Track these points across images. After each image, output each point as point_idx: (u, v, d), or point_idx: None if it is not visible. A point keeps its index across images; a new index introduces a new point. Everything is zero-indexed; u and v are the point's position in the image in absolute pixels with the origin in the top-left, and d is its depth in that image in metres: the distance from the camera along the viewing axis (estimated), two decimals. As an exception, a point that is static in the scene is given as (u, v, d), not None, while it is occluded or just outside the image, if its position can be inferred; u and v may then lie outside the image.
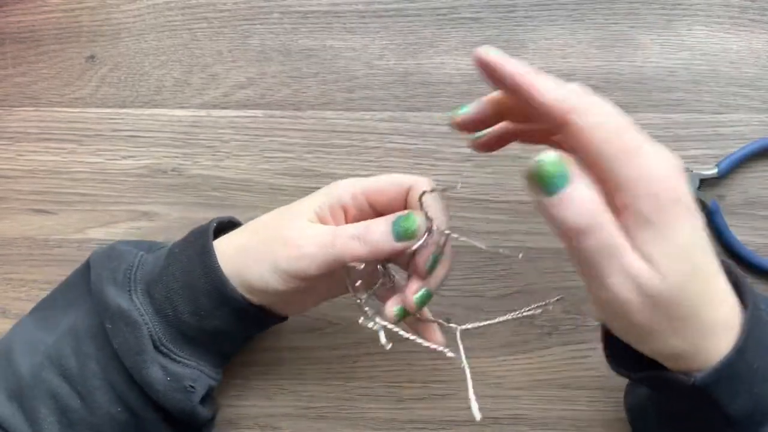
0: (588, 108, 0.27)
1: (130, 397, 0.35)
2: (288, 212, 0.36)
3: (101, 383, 0.35)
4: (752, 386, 0.28)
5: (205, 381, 0.38)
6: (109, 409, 0.35)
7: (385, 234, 0.33)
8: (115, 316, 0.35)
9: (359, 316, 0.35)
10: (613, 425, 0.43)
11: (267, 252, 0.34)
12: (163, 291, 0.36)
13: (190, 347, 0.37)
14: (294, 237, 0.34)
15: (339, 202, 0.35)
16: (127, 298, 0.36)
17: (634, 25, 0.45)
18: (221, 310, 0.36)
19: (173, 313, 0.36)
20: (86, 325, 0.36)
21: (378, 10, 0.46)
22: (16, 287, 0.46)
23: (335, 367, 0.45)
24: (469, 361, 0.34)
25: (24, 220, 0.46)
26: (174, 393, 0.35)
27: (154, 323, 0.36)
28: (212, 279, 0.35)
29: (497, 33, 0.46)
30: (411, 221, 0.33)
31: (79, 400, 0.35)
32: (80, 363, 0.36)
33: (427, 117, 0.45)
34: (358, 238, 0.33)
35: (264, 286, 0.34)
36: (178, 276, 0.36)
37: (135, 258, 0.38)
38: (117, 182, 0.46)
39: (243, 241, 0.36)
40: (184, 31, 0.47)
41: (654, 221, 0.25)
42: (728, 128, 0.44)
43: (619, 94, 0.45)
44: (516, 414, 0.44)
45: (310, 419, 0.44)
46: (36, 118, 0.47)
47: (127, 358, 0.35)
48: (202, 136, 0.46)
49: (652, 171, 0.26)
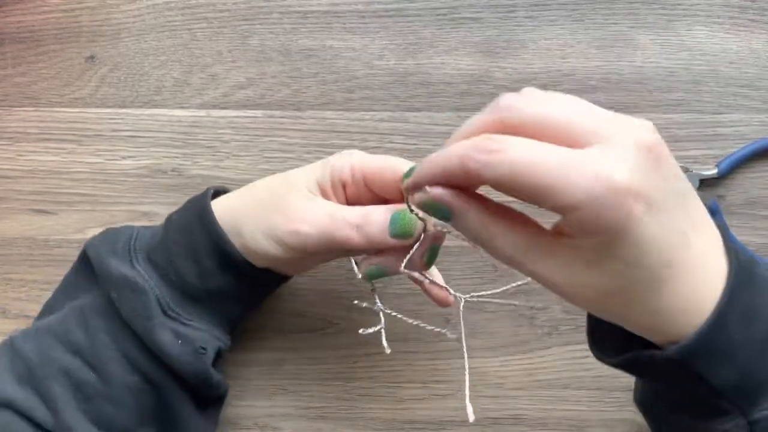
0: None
1: (144, 364, 0.35)
2: (288, 180, 0.36)
3: (114, 353, 0.35)
4: (735, 357, 0.27)
5: (215, 343, 0.37)
6: (125, 378, 0.35)
7: (382, 229, 0.33)
8: (120, 284, 0.35)
9: (361, 308, 0.36)
10: (613, 425, 0.43)
11: (264, 217, 0.35)
12: (165, 255, 0.36)
13: (197, 309, 0.37)
14: (293, 210, 0.34)
15: (339, 176, 0.35)
16: (129, 267, 0.36)
17: (634, 25, 0.45)
18: (222, 269, 0.36)
19: (176, 276, 0.36)
20: (91, 304, 0.37)
21: (378, 10, 0.46)
22: (16, 287, 0.46)
23: (335, 367, 0.45)
24: (470, 361, 0.34)
25: (24, 220, 0.46)
26: (186, 356, 0.35)
27: (159, 288, 0.36)
28: (212, 236, 0.35)
29: (497, 33, 0.46)
30: (408, 222, 0.33)
31: (93, 372, 0.35)
32: (90, 336, 0.36)
33: (427, 117, 0.45)
34: (356, 228, 0.33)
35: (257, 248, 0.35)
36: (178, 239, 0.36)
37: (132, 231, 0.38)
38: (117, 182, 0.46)
39: (239, 202, 0.37)
40: (184, 32, 0.46)
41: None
42: (728, 128, 0.44)
43: (619, 94, 0.45)
44: (516, 414, 0.44)
45: (310, 419, 0.44)
46: (36, 118, 0.47)
47: (137, 324, 0.35)
48: (202, 137, 0.46)
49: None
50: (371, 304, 0.36)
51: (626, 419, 0.43)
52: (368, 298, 0.37)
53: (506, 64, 0.45)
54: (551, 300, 0.44)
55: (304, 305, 0.45)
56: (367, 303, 0.36)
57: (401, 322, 0.44)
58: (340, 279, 0.45)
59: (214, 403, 0.40)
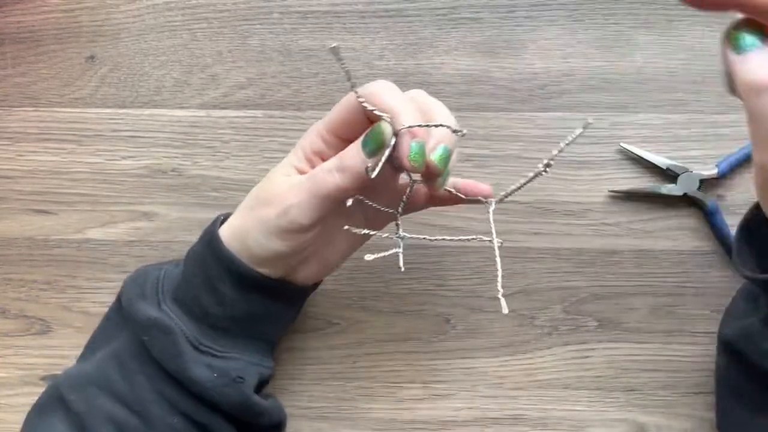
0: None
1: (183, 403, 0.35)
2: (268, 177, 0.36)
3: (152, 396, 0.35)
4: None
5: (254, 370, 0.37)
6: (166, 419, 0.35)
7: (358, 156, 0.31)
8: (149, 327, 0.36)
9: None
10: (613, 425, 0.43)
11: (258, 218, 0.34)
12: (188, 291, 0.36)
13: (229, 341, 0.37)
14: (276, 194, 0.34)
15: (312, 150, 0.35)
16: (156, 308, 0.36)
17: (634, 25, 0.45)
18: (239, 291, 0.36)
19: (200, 310, 0.36)
20: (126, 347, 0.37)
21: (378, 10, 0.46)
22: (16, 287, 0.46)
23: (335, 367, 0.45)
24: (469, 361, 0.34)
25: (24, 220, 0.46)
26: (224, 388, 0.35)
27: (187, 325, 0.36)
28: (222, 261, 0.35)
29: (497, 33, 0.46)
30: (376, 131, 0.31)
31: (137, 418, 0.35)
32: (128, 382, 0.36)
33: (427, 117, 0.45)
34: (334, 170, 0.32)
35: (267, 252, 0.34)
36: (196, 272, 0.36)
37: (160, 272, 0.38)
38: (117, 182, 0.46)
39: (238, 218, 0.36)
40: (184, 32, 0.46)
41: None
42: (728, 128, 0.44)
43: (620, 94, 0.45)
44: (516, 414, 0.44)
45: (310, 419, 0.44)
46: (36, 118, 0.47)
47: (169, 364, 0.35)
48: (202, 137, 0.46)
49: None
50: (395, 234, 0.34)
51: (626, 419, 0.43)
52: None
53: (506, 64, 0.45)
54: (551, 300, 0.44)
55: (305, 305, 0.45)
56: (388, 234, 0.34)
57: (401, 322, 0.45)
58: (340, 278, 0.45)
59: (276, 429, 0.40)
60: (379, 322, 0.45)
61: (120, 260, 0.45)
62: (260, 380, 0.38)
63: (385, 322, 0.45)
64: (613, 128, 0.45)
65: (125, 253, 0.46)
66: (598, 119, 0.45)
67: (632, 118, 0.45)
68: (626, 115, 0.45)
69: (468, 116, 0.45)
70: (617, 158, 0.45)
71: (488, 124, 0.45)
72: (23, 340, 0.46)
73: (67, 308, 0.46)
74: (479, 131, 0.45)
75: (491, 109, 0.45)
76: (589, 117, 0.27)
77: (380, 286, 0.45)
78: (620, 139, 0.45)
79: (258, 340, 0.38)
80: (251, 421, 0.37)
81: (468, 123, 0.45)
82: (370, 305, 0.45)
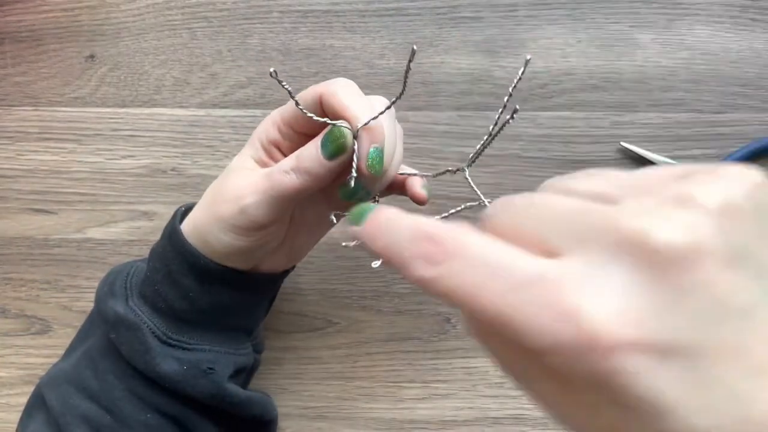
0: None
1: (155, 399, 0.35)
2: (227, 170, 0.35)
3: (124, 394, 0.35)
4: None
5: (228, 359, 0.37)
6: (139, 417, 0.35)
7: (315, 158, 0.31)
8: (116, 324, 0.35)
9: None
10: (614, 425, 0.43)
11: (214, 214, 0.34)
12: (151, 286, 0.36)
13: (198, 332, 0.36)
14: (233, 190, 0.33)
15: (268, 140, 0.34)
16: (123, 305, 0.36)
17: (634, 24, 0.45)
18: (202, 283, 0.35)
19: (165, 304, 0.36)
20: (97, 346, 0.37)
21: (378, 9, 0.46)
22: (16, 287, 0.46)
23: (335, 366, 0.45)
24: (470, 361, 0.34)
25: (24, 219, 0.46)
26: (195, 380, 0.35)
27: (153, 320, 0.36)
28: (183, 255, 0.35)
29: (497, 32, 0.46)
30: (337, 136, 0.30)
31: (109, 416, 0.35)
32: (100, 380, 0.36)
33: (427, 116, 0.45)
34: (291, 171, 0.32)
35: (228, 248, 0.34)
36: (158, 266, 0.36)
37: (130, 268, 0.38)
38: (116, 182, 0.46)
39: (198, 214, 0.36)
40: (184, 31, 0.46)
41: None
42: (729, 128, 0.44)
43: (620, 93, 0.45)
44: (517, 414, 0.44)
45: (310, 419, 0.44)
46: (36, 117, 0.47)
47: (138, 360, 0.35)
48: (202, 136, 0.46)
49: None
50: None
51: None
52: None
53: (507, 63, 0.45)
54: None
55: (304, 304, 0.45)
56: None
57: (401, 321, 0.45)
58: (340, 278, 0.45)
59: (263, 426, 0.39)
60: (379, 322, 0.45)
61: (120, 260, 0.45)
62: (237, 368, 0.37)
63: (385, 321, 0.45)
64: (614, 127, 0.45)
65: (125, 253, 0.46)
66: (599, 118, 0.45)
67: (632, 118, 0.45)
68: (626, 115, 0.45)
69: (468, 115, 0.45)
70: (617, 157, 0.45)
71: (489, 123, 0.45)
72: (23, 339, 0.46)
73: (67, 308, 0.46)
74: (480, 130, 0.45)
75: (492, 108, 0.45)
76: (527, 54, 0.25)
77: (380, 286, 0.45)
78: (620, 139, 0.45)
79: (231, 329, 0.38)
80: (230, 412, 0.37)
81: (468, 122, 0.45)
82: (370, 305, 0.45)
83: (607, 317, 0.15)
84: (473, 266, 0.17)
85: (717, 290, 0.15)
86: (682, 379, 0.15)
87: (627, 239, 0.15)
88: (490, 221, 0.19)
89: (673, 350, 0.15)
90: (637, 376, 0.15)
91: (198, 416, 0.36)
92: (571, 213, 0.17)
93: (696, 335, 0.15)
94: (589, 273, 0.15)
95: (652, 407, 0.15)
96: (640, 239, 0.15)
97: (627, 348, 0.15)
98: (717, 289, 0.15)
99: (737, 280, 0.15)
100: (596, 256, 0.16)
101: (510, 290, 0.16)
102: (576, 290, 0.15)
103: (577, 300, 0.15)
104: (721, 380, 0.15)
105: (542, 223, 0.17)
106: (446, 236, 0.18)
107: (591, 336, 0.15)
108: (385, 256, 0.19)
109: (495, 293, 0.16)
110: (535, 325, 0.15)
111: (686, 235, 0.15)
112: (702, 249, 0.15)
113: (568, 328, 0.15)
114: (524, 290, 0.16)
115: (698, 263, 0.15)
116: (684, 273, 0.15)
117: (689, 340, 0.15)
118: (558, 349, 0.15)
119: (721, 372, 0.15)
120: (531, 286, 0.16)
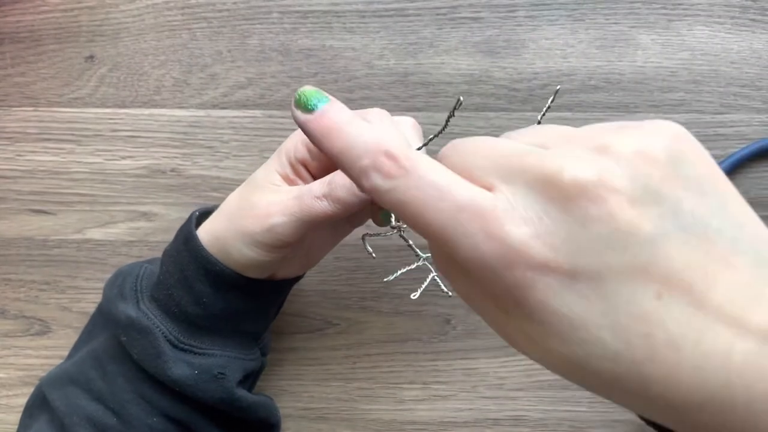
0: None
1: (163, 403, 0.35)
2: (252, 182, 0.36)
3: (131, 396, 0.35)
4: None
5: (238, 364, 0.37)
6: (145, 420, 0.35)
7: (349, 187, 0.32)
8: (127, 327, 0.35)
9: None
10: (614, 426, 0.43)
11: (239, 228, 0.34)
12: (164, 290, 0.36)
13: (209, 337, 0.36)
14: (262, 206, 0.33)
15: (296, 157, 0.35)
16: (135, 308, 0.36)
17: (634, 24, 0.45)
18: (217, 290, 0.35)
19: (177, 308, 0.36)
20: (105, 347, 0.37)
21: (378, 9, 0.46)
22: (15, 288, 0.46)
23: (335, 367, 0.45)
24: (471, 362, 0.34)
25: (23, 220, 0.46)
26: (206, 384, 0.35)
27: (165, 324, 0.36)
28: (200, 261, 0.35)
29: (497, 33, 0.46)
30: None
31: (115, 417, 0.35)
32: (107, 382, 0.36)
33: (427, 117, 0.45)
34: (324, 198, 0.32)
35: (250, 261, 0.34)
36: (172, 271, 0.36)
37: (140, 270, 0.38)
38: (116, 182, 0.46)
39: (217, 223, 0.36)
40: (184, 31, 0.46)
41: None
42: (729, 128, 0.44)
43: (620, 94, 0.45)
44: (517, 415, 0.44)
45: (310, 420, 0.44)
46: (35, 118, 0.46)
47: (149, 364, 0.35)
48: (201, 137, 0.46)
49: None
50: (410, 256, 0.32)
51: (627, 420, 0.43)
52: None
53: (506, 64, 0.45)
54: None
55: (304, 305, 0.45)
56: (395, 274, 0.32)
57: (401, 322, 0.45)
58: (340, 279, 0.45)
59: (267, 430, 0.39)
60: (379, 323, 0.45)
61: (119, 260, 0.45)
62: (246, 373, 0.37)
63: (385, 322, 0.45)
64: (614, 128, 0.45)
65: (125, 253, 0.46)
66: (599, 119, 0.45)
67: (632, 118, 0.45)
68: (626, 115, 0.45)
69: (469, 116, 0.45)
70: (618, 158, 0.45)
71: (489, 123, 0.45)
72: (22, 340, 0.46)
73: (66, 308, 0.46)
74: (480, 131, 0.45)
75: (492, 108, 0.45)
76: (461, 96, 0.26)
77: (380, 287, 0.45)
78: (621, 139, 0.44)
79: (241, 334, 0.38)
80: (237, 416, 0.37)
81: (469, 123, 0.45)
82: (370, 305, 0.45)
83: (524, 239, 0.18)
84: (424, 185, 0.19)
85: (620, 222, 0.17)
86: (588, 298, 0.17)
87: (545, 176, 0.18)
88: (443, 156, 0.22)
89: (580, 272, 0.17)
90: (549, 292, 0.18)
91: (204, 420, 0.36)
92: (508, 155, 0.20)
93: (598, 259, 0.17)
94: (513, 204, 0.18)
95: (565, 322, 0.18)
96: (555, 176, 0.18)
97: (541, 267, 0.18)
98: (620, 221, 0.17)
99: (643, 215, 0.17)
100: (521, 189, 0.18)
101: (451, 211, 0.19)
102: (501, 217, 0.18)
103: (501, 224, 0.18)
104: (626, 300, 0.17)
105: (483, 161, 0.20)
106: (403, 155, 0.20)
107: (511, 254, 0.18)
108: (338, 159, 0.21)
109: (439, 211, 0.19)
110: (470, 242, 0.18)
111: (594, 173, 0.17)
112: (607, 185, 0.17)
113: (493, 246, 0.18)
114: (462, 213, 0.19)
115: (602, 197, 0.17)
116: (589, 205, 0.17)
117: (593, 264, 0.17)
118: (486, 264, 0.18)
119: (626, 293, 0.17)
120: (468, 210, 0.19)
